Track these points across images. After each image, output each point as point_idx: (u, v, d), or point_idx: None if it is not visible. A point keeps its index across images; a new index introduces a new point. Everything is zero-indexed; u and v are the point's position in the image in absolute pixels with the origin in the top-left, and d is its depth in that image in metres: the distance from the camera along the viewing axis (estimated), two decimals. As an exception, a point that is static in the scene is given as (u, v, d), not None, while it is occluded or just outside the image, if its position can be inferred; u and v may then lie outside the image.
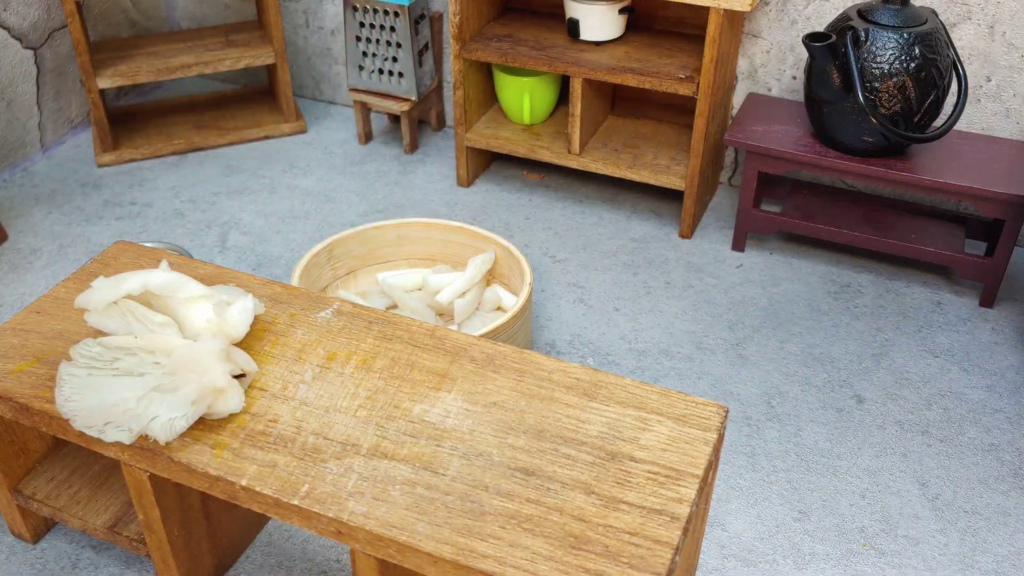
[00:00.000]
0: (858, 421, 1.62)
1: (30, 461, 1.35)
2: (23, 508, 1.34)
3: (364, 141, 2.45)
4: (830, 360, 1.75)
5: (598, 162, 2.10)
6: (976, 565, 1.37)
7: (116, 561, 1.36)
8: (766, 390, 1.68)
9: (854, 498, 1.47)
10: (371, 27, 2.24)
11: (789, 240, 2.08)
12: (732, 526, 1.43)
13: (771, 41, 2.05)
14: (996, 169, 1.82)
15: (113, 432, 0.98)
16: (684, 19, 2.09)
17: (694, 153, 1.97)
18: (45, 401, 1.10)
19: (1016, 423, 1.61)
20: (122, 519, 1.30)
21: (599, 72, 1.96)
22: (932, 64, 1.72)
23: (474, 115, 2.21)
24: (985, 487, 1.49)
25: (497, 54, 2.04)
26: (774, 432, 1.59)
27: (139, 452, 1.04)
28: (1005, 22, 1.86)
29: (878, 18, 1.75)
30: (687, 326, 1.83)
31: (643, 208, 2.19)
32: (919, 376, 1.71)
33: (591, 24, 2.02)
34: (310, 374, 1.14)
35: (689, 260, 2.02)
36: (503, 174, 2.32)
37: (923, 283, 1.95)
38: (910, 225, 1.97)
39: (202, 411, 1.02)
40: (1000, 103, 1.94)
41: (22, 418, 1.13)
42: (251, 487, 1.00)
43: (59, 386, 0.99)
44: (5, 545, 1.39)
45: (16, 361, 1.17)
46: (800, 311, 1.87)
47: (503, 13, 2.21)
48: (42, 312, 1.26)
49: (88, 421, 0.98)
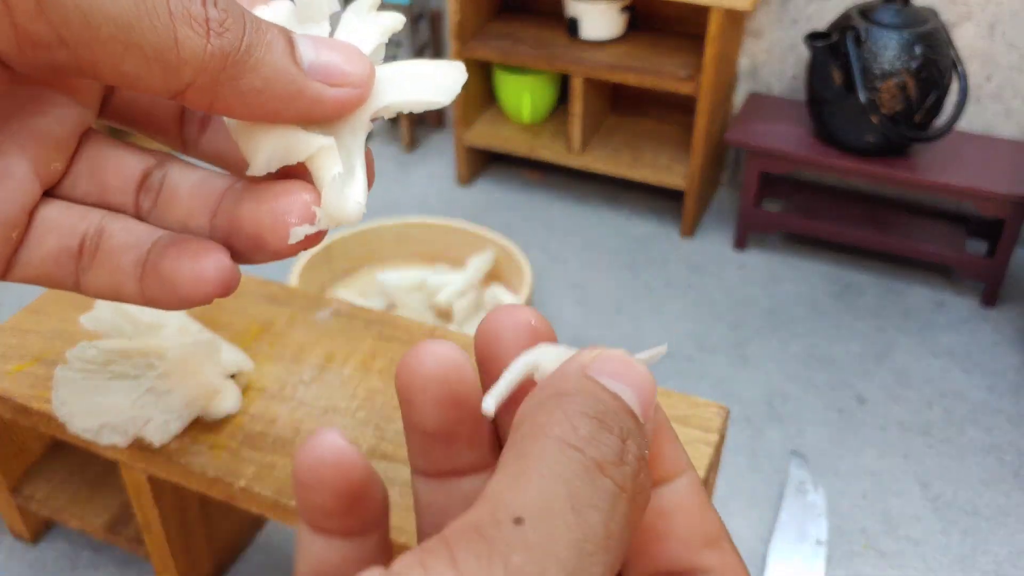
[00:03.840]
0: (859, 422, 1.61)
1: (29, 461, 1.35)
2: (22, 508, 1.34)
3: (364, 140, 2.44)
4: (831, 360, 1.74)
5: (598, 161, 2.09)
6: (977, 566, 1.36)
7: (115, 561, 1.36)
8: (767, 391, 1.68)
9: (855, 499, 1.47)
10: (371, 26, 2.24)
11: (790, 240, 2.08)
12: (733, 527, 1.42)
13: (772, 40, 2.05)
14: (997, 169, 1.81)
15: (108, 435, 0.98)
16: (685, 18, 2.09)
17: (695, 152, 1.97)
18: (44, 401, 1.09)
19: (1017, 423, 1.61)
20: (121, 519, 1.29)
21: (599, 71, 1.96)
22: (933, 64, 1.72)
23: (474, 114, 2.21)
24: (986, 488, 1.49)
25: (497, 53, 2.03)
26: (775, 433, 1.59)
27: (137, 453, 1.04)
28: (1005, 22, 1.86)
29: (879, 18, 1.74)
30: (688, 326, 1.83)
31: (644, 207, 2.19)
32: (920, 376, 1.71)
33: (591, 23, 2.02)
34: (308, 374, 1.14)
35: (690, 260, 2.02)
36: (503, 173, 2.31)
37: (924, 283, 1.95)
38: (911, 225, 1.97)
39: (196, 413, 1.02)
40: (1001, 103, 1.93)
41: (21, 418, 1.13)
42: (250, 488, 1.00)
43: (54, 389, 0.99)
44: (4, 545, 1.39)
45: (15, 361, 1.17)
46: (801, 311, 1.87)
47: (502, 12, 2.21)
48: (41, 312, 1.26)
49: (84, 424, 0.97)
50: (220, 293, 0.25)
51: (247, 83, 0.23)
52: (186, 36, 0.22)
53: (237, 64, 0.23)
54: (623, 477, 0.19)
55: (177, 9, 0.22)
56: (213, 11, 0.23)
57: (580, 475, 0.19)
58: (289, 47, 0.24)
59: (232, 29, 0.23)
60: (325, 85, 0.24)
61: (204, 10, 0.23)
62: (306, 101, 0.24)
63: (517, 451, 0.19)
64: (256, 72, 0.23)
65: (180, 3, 0.22)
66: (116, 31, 0.22)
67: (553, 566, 0.17)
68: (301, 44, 0.25)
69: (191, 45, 0.22)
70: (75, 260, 0.26)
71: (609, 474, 0.19)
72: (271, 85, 0.24)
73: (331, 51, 0.25)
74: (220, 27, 0.23)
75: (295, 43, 0.24)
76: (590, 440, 0.19)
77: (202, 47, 0.22)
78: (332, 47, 0.25)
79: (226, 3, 0.23)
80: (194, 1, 0.23)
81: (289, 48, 0.24)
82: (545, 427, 0.19)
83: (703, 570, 0.23)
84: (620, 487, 0.19)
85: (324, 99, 0.24)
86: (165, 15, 0.22)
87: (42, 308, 1.27)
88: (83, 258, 0.26)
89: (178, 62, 0.22)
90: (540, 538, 0.18)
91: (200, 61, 0.23)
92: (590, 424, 0.19)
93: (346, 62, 0.25)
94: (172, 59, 0.22)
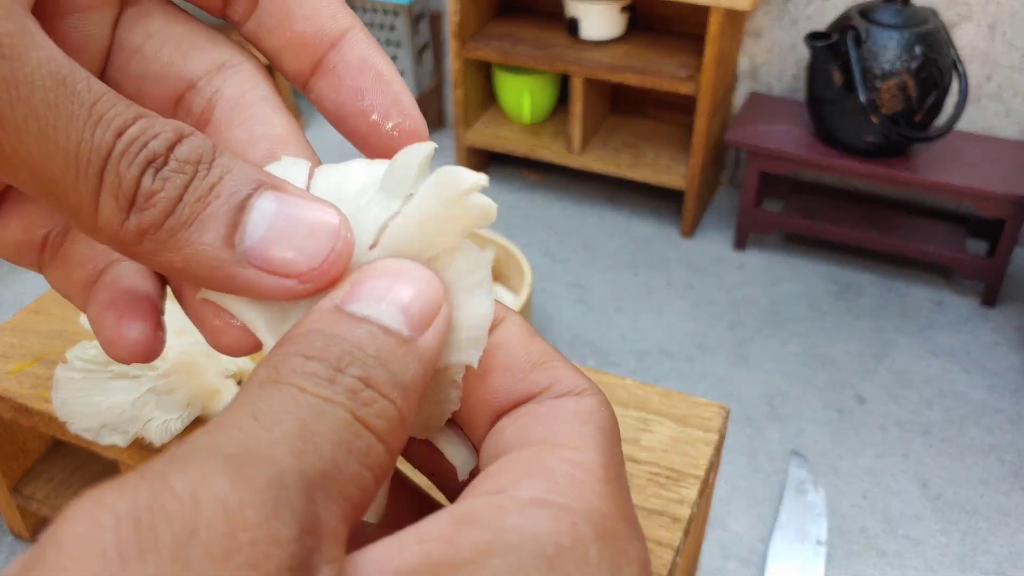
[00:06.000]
0: (859, 421, 1.61)
1: (29, 461, 1.35)
2: (22, 508, 1.34)
3: (364, 140, 2.44)
4: (831, 360, 1.74)
5: (598, 161, 2.09)
6: (977, 565, 1.36)
7: (115, 562, 1.36)
8: (767, 390, 1.68)
9: (855, 498, 1.47)
10: (370, 26, 2.24)
11: (790, 240, 2.08)
12: (733, 527, 1.42)
13: (772, 40, 2.05)
14: (997, 169, 1.81)
15: (109, 435, 0.98)
16: (685, 18, 2.09)
17: (695, 152, 1.97)
18: (44, 401, 1.09)
19: (1017, 423, 1.61)
20: (121, 520, 1.29)
21: (599, 71, 1.96)
22: (933, 64, 1.72)
23: (474, 114, 2.21)
24: (986, 487, 1.49)
25: (497, 53, 2.03)
26: (775, 433, 1.59)
27: (138, 453, 1.04)
28: (1005, 22, 1.85)
29: (879, 18, 1.74)
30: (688, 326, 1.83)
31: (644, 208, 2.19)
32: (920, 376, 1.71)
33: (591, 23, 2.02)
34: (309, 374, 1.14)
35: (690, 260, 2.02)
36: (503, 174, 2.31)
37: (924, 283, 1.95)
38: (911, 225, 1.97)
39: (197, 412, 1.02)
40: (1001, 103, 1.93)
41: (21, 418, 1.13)
42: (250, 488, 1.00)
43: (55, 389, 0.99)
44: (5, 545, 1.39)
45: (15, 361, 1.17)
46: (801, 311, 1.87)
47: (503, 12, 2.21)
48: (41, 312, 1.26)
49: (84, 424, 0.97)
50: (136, 360, 0.24)
51: (166, 260, 0.21)
52: (106, 206, 0.21)
53: (154, 241, 0.21)
54: (335, 392, 0.19)
55: (109, 176, 0.20)
56: (148, 181, 0.20)
57: (273, 394, 0.19)
58: (229, 226, 0.21)
59: (160, 204, 0.21)
60: (262, 273, 0.21)
61: (138, 181, 0.20)
62: (237, 288, 0.22)
63: (246, 395, 0.19)
64: (177, 252, 0.21)
65: (116, 170, 0.20)
66: (38, 182, 0.20)
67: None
68: (253, 215, 0.21)
69: (108, 216, 0.21)
70: (37, 252, 0.26)
71: (312, 391, 0.19)
72: (192, 267, 0.21)
73: (285, 229, 0.22)
74: (147, 202, 0.21)
75: (245, 216, 0.21)
76: (294, 372, 0.19)
77: (119, 221, 0.21)
78: (291, 223, 0.22)
79: (184, 158, 0.21)
80: (132, 169, 0.20)
81: (229, 227, 0.21)
82: (251, 378, 0.20)
83: (536, 391, 0.23)
84: (331, 400, 0.19)
85: (258, 289, 0.22)
86: (95, 181, 0.20)
87: (42, 308, 1.27)
88: (45, 253, 0.26)
89: (94, 228, 0.21)
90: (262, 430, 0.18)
91: (115, 233, 0.21)
92: (298, 361, 0.20)
93: (297, 248, 0.22)
94: (89, 224, 0.21)
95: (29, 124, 0.20)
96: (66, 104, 0.20)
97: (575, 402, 0.23)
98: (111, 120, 0.20)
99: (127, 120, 0.20)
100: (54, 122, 0.20)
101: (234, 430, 0.18)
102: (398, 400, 0.20)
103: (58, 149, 0.20)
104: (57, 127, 0.20)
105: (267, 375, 0.20)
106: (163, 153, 0.21)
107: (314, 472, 0.18)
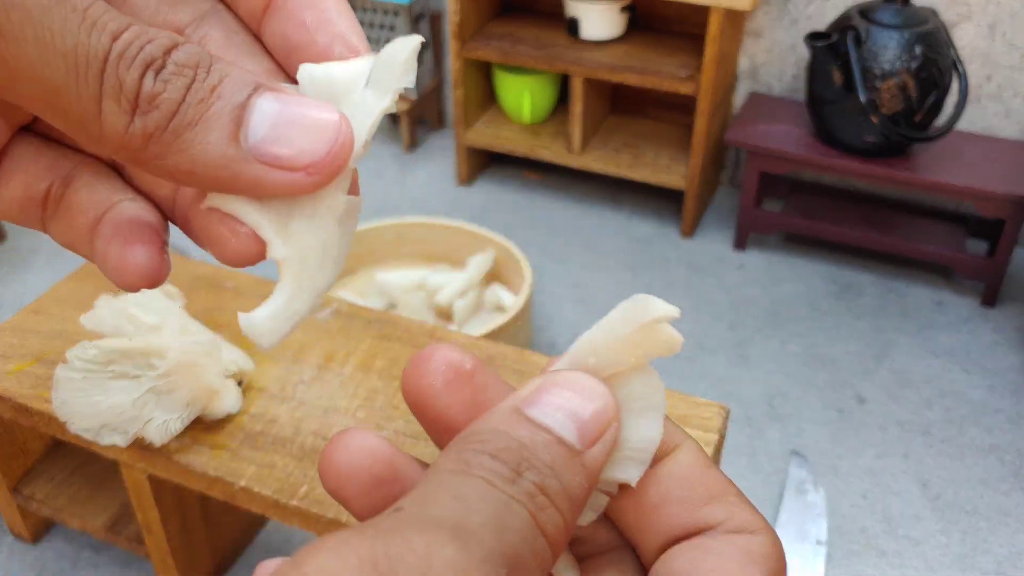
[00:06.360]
0: (859, 421, 1.61)
1: (29, 461, 1.35)
2: (23, 508, 1.34)
3: (364, 140, 2.44)
4: (831, 360, 1.74)
5: (598, 162, 2.09)
6: (977, 565, 1.37)
7: (115, 561, 1.36)
8: (767, 390, 1.68)
9: (855, 498, 1.47)
10: (370, 26, 2.24)
11: (790, 240, 2.08)
12: (732, 527, 1.42)
13: (772, 40, 2.05)
14: (997, 169, 1.81)
15: (109, 435, 0.98)
16: (685, 18, 2.09)
17: (695, 152, 1.97)
18: (44, 401, 1.09)
19: (1017, 423, 1.61)
20: (121, 519, 1.29)
21: (599, 71, 1.96)
22: (933, 64, 1.72)
23: (474, 114, 2.21)
24: (986, 487, 1.49)
25: (497, 53, 2.03)
26: (775, 433, 1.59)
27: (137, 453, 1.04)
28: (1005, 22, 1.86)
29: (879, 18, 1.74)
30: (688, 326, 1.83)
31: (643, 208, 2.19)
32: (920, 376, 1.71)
33: (591, 23, 2.02)
34: (309, 374, 1.14)
35: (690, 260, 2.02)
36: (503, 173, 2.31)
37: (924, 283, 1.95)
38: (911, 225, 1.97)
39: (197, 413, 1.02)
40: (1001, 103, 1.93)
41: (21, 418, 1.13)
42: (250, 488, 1.00)
43: (55, 389, 0.99)
44: (5, 545, 1.39)
45: (15, 361, 1.17)
46: (801, 311, 1.87)
47: (503, 12, 2.21)
48: (41, 312, 1.26)
49: (84, 424, 0.97)
50: (144, 284, 0.25)
51: (172, 163, 0.22)
52: (110, 111, 0.21)
53: (161, 144, 0.21)
54: (517, 491, 0.20)
55: (110, 80, 0.20)
56: (149, 83, 0.21)
57: (467, 483, 0.20)
58: (233, 124, 0.22)
59: (164, 105, 0.21)
60: (267, 168, 0.22)
61: (139, 83, 0.21)
62: (243, 185, 0.22)
63: (418, 489, 0.20)
64: (183, 154, 0.21)
65: (115, 72, 0.20)
66: (41, 93, 0.21)
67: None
68: (255, 115, 0.22)
69: (112, 122, 0.21)
70: (40, 208, 0.26)
71: (499, 487, 0.20)
72: (200, 168, 0.22)
73: (288, 126, 0.22)
74: (150, 104, 0.21)
75: (247, 115, 0.22)
76: (482, 467, 0.20)
77: (123, 125, 0.21)
78: (293, 121, 0.22)
79: (182, 62, 0.21)
80: (132, 71, 0.21)
81: (232, 125, 0.22)
82: (440, 465, 0.21)
83: (710, 524, 0.24)
84: (515, 499, 0.20)
85: (265, 184, 0.22)
86: (96, 85, 0.20)
87: (42, 308, 1.27)
88: (48, 208, 0.26)
89: (99, 136, 0.21)
90: (412, 516, 0.19)
91: (120, 139, 0.21)
92: (485, 459, 0.21)
93: (301, 143, 0.22)
94: (94, 132, 0.21)
95: (25, 29, 0.20)
96: (59, 8, 0.20)
97: (747, 541, 0.24)
98: (105, 24, 0.20)
99: (121, 25, 0.21)
100: (49, 25, 0.20)
101: (443, 507, 0.20)
102: (566, 511, 0.21)
103: (56, 54, 0.20)
104: (53, 31, 0.20)
105: (456, 466, 0.21)
106: (160, 57, 0.21)
107: (510, 558, 0.19)
